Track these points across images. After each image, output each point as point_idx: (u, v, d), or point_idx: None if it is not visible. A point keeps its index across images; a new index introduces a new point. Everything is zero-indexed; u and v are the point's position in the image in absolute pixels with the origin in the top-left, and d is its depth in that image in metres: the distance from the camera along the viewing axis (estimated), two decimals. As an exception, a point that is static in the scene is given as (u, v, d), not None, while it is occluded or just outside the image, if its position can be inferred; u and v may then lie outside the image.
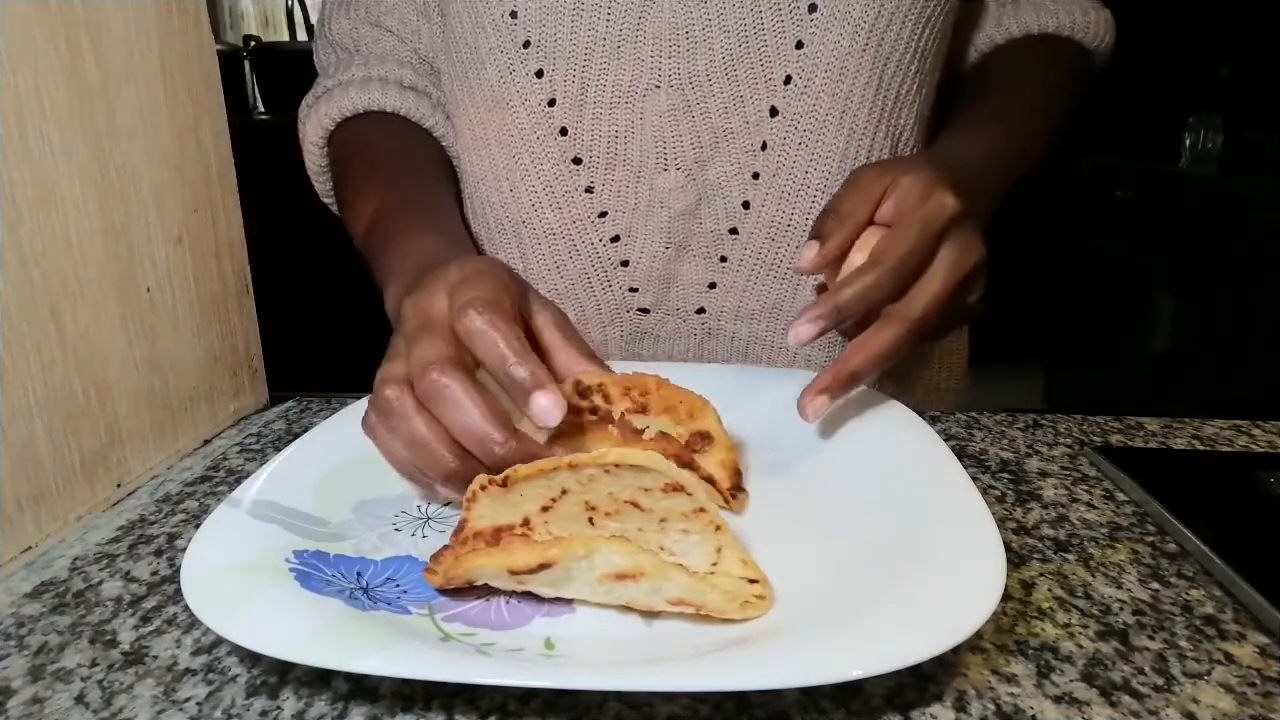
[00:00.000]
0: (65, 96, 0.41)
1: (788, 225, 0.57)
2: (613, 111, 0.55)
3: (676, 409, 0.44)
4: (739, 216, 0.57)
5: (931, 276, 0.43)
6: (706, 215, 0.57)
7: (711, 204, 0.57)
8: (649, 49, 0.53)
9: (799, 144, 0.55)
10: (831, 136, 0.55)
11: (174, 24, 0.49)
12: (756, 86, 0.54)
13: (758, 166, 0.55)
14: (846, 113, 0.54)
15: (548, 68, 0.55)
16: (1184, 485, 0.44)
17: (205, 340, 0.53)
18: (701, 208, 0.57)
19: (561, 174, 0.57)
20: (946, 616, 0.28)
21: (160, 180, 0.48)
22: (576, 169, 0.57)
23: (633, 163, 0.56)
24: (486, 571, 0.32)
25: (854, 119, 0.55)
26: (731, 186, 0.56)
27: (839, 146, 0.55)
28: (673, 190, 0.56)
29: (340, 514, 0.39)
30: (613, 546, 0.31)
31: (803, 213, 0.56)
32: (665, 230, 0.57)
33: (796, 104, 0.54)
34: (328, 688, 0.30)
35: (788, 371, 0.55)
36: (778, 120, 0.54)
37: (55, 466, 0.41)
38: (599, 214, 0.58)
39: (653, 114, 0.55)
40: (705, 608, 0.31)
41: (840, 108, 0.54)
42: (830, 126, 0.54)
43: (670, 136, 0.55)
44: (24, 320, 0.39)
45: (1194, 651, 0.32)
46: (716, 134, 0.55)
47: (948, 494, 0.36)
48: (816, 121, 0.54)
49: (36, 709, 0.29)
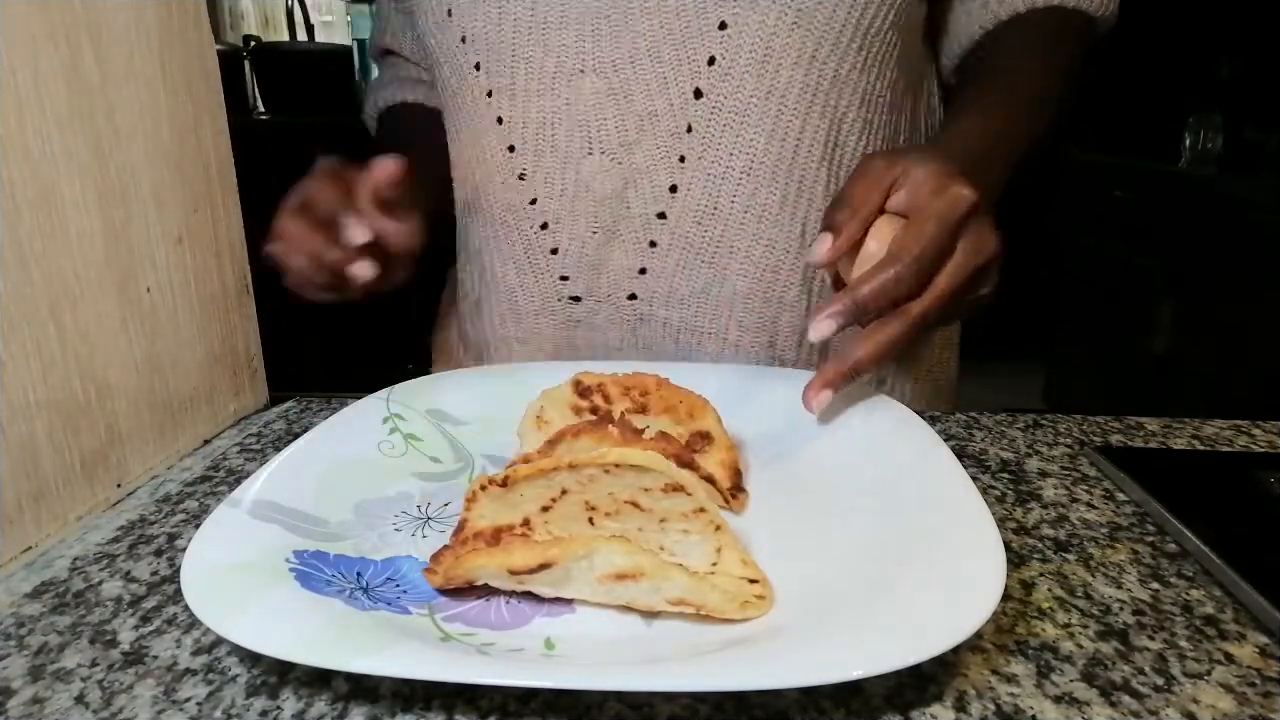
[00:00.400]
0: (65, 96, 0.41)
1: (715, 208, 0.57)
2: (540, 98, 0.56)
3: (676, 409, 0.44)
4: (666, 200, 0.57)
5: (946, 272, 0.43)
6: (634, 199, 0.57)
7: (638, 188, 0.57)
8: (573, 34, 0.54)
9: (724, 126, 0.55)
10: (757, 118, 0.54)
11: (174, 24, 0.49)
12: (681, 68, 0.54)
13: (683, 149, 0.55)
14: (773, 94, 0.54)
15: (483, 60, 0.57)
16: (1184, 485, 0.44)
17: (205, 340, 0.53)
18: (628, 192, 0.57)
19: (500, 163, 0.59)
20: (946, 616, 0.28)
21: (160, 180, 0.48)
22: (511, 156, 0.58)
23: (560, 149, 0.57)
24: (487, 571, 0.32)
25: (781, 100, 0.54)
26: (658, 170, 0.56)
27: (765, 128, 0.55)
28: (598, 175, 0.57)
29: (340, 514, 0.39)
30: (613, 546, 0.31)
31: (729, 195, 0.56)
32: (592, 216, 0.58)
33: (721, 85, 0.54)
34: (328, 688, 0.30)
35: (788, 371, 0.55)
36: (702, 102, 0.54)
37: (55, 466, 0.41)
38: (530, 201, 0.59)
39: (579, 99, 0.55)
40: (705, 608, 0.31)
41: (766, 89, 0.54)
42: (755, 108, 0.54)
43: (595, 121, 0.56)
44: (24, 320, 0.39)
45: (1194, 651, 0.32)
46: (641, 117, 0.55)
47: (948, 494, 0.36)
48: (741, 103, 0.54)
49: (36, 709, 0.29)
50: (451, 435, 0.48)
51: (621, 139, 0.56)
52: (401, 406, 0.48)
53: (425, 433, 0.47)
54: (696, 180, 0.56)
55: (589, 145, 0.56)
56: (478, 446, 0.47)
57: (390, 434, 0.46)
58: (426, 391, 0.50)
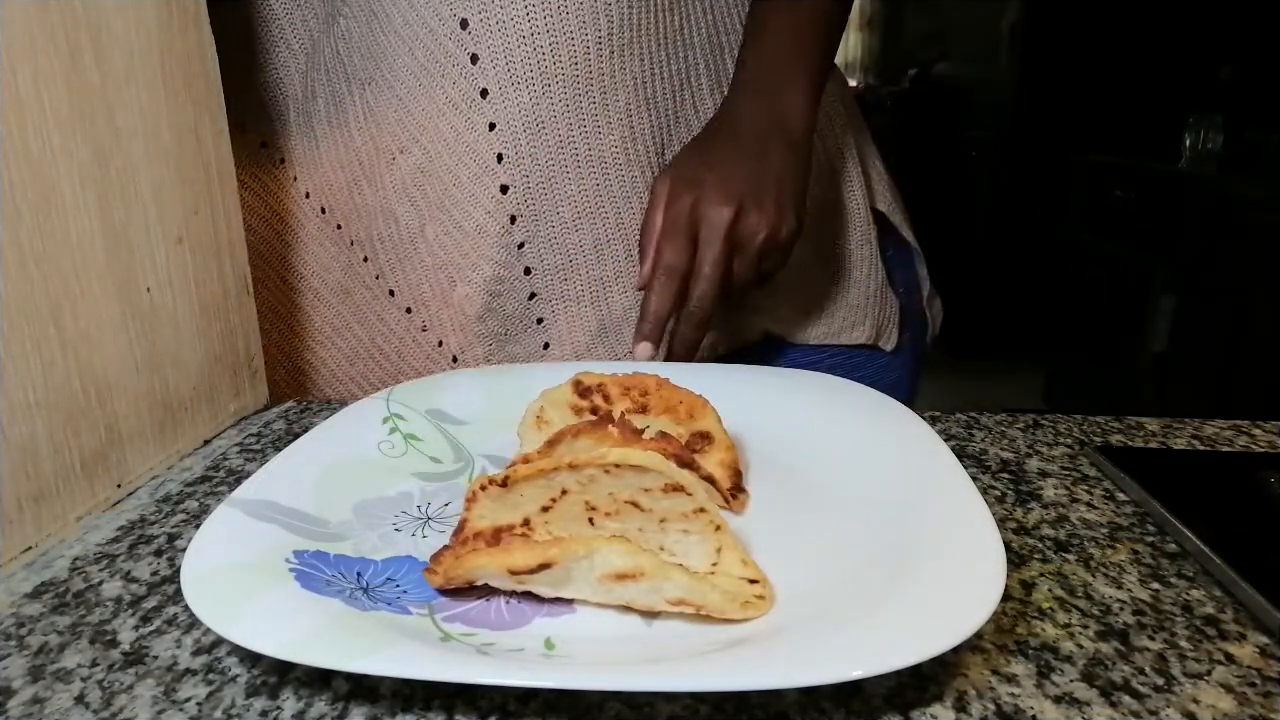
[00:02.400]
0: (65, 96, 0.41)
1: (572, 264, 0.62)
2: (367, 190, 0.63)
3: (676, 409, 0.44)
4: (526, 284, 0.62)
5: (698, 268, 0.53)
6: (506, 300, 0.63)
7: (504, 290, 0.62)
8: (375, 125, 0.61)
9: (534, 192, 0.60)
10: (554, 168, 0.60)
11: (174, 24, 0.49)
12: (481, 177, 0.59)
13: (520, 237, 0.61)
14: (553, 118, 0.58)
15: (300, 175, 0.65)
16: (1184, 485, 0.44)
17: (205, 340, 0.53)
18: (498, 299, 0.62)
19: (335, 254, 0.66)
20: (946, 616, 0.28)
21: (160, 180, 0.48)
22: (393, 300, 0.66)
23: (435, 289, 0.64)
24: (487, 571, 0.32)
25: (568, 120, 0.59)
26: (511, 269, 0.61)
27: (566, 163, 0.60)
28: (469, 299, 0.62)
29: (340, 514, 0.39)
30: (613, 546, 0.31)
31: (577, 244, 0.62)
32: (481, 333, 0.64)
33: (514, 172, 0.59)
34: (328, 688, 0.30)
35: (788, 372, 0.55)
36: (508, 196, 0.59)
37: (55, 466, 0.41)
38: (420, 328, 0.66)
39: (430, 241, 0.63)
40: (705, 608, 0.31)
41: (546, 121, 0.58)
42: (547, 155, 0.59)
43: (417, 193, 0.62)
44: (24, 320, 0.39)
45: (1194, 652, 0.32)
46: (474, 238, 0.61)
47: (948, 494, 0.36)
48: (540, 168, 0.59)
49: (36, 709, 0.29)
50: (451, 435, 0.48)
51: (471, 265, 0.61)
52: (401, 406, 0.48)
53: (425, 433, 0.47)
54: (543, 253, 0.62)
55: (451, 279, 0.62)
56: (478, 446, 0.47)
57: (390, 434, 0.46)
58: (426, 391, 0.50)
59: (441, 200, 0.60)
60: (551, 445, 0.39)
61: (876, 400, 0.48)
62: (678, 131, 0.63)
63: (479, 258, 0.61)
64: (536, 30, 0.56)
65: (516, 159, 0.59)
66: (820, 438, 0.45)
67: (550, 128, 0.58)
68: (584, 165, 0.60)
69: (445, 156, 0.59)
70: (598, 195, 0.61)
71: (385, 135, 0.61)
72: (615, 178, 0.61)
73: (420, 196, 0.61)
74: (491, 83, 0.57)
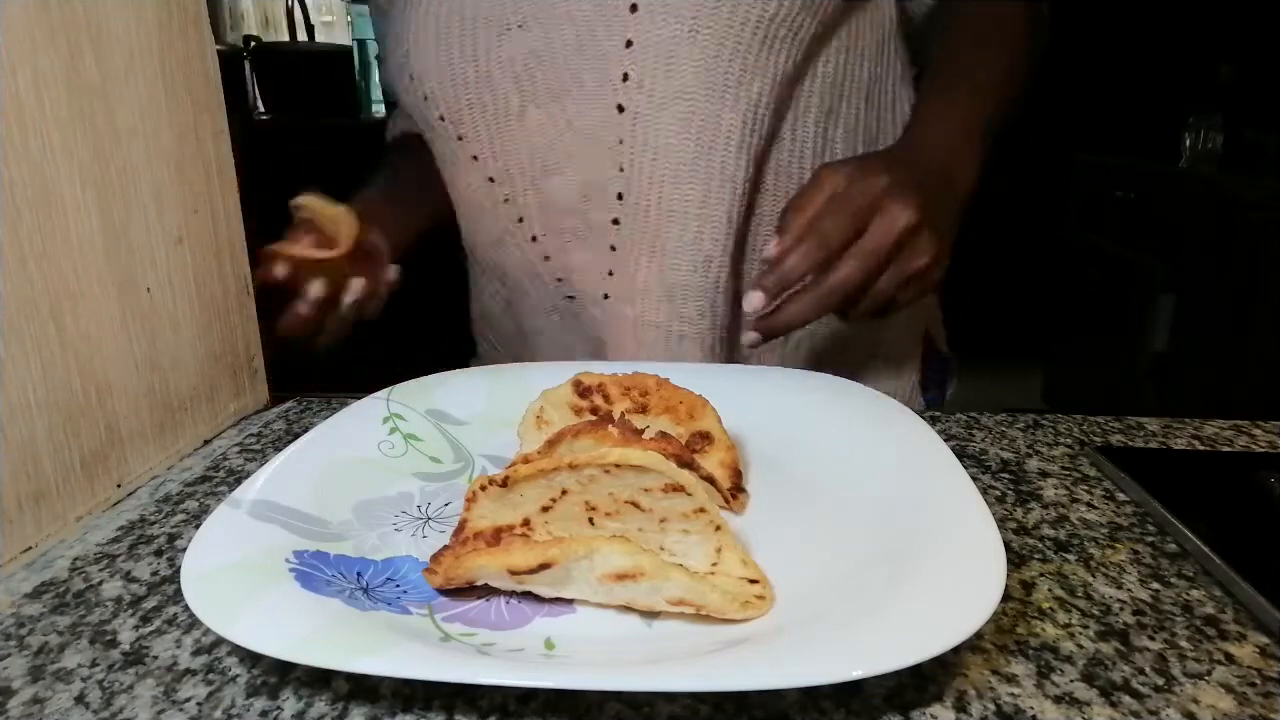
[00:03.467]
0: (65, 96, 0.41)
1: (651, 209, 0.61)
2: (502, 131, 0.62)
3: (676, 409, 0.44)
4: (617, 207, 0.62)
5: (857, 248, 0.49)
6: (592, 210, 0.63)
7: (593, 199, 0.62)
8: (510, 77, 0.60)
9: (645, 133, 0.59)
10: (669, 121, 0.59)
11: (174, 24, 0.49)
12: (602, 88, 0.59)
13: (621, 160, 0.60)
14: (681, 97, 0.58)
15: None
16: (1184, 485, 0.44)
17: (205, 340, 0.53)
18: (587, 204, 0.63)
19: (487, 191, 0.66)
20: (946, 616, 0.28)
21: (160, 180, 0.48)
22: (492, 186, 0.65)
23: (526, 170, 0.63)
24: (487, 572, 0.32)
25: (691, 102, 0.58)
26: (605, 181, 0.61)
27: (678, 129, 0.59)
28: (560, 190, 0.63)
29: (340, 514, 0.39)
30: (613, 546, 0.31)
31: (661, 196, 0.61)
32: (564, 226, 0.64)
33: (635, 97, 0.59)
34: (328, 688, 0.30)
35: (789, 372, 0.55)
36: (625, 115, 0.59)
37: (55, 466, 0.41)
38: (517, 219, 0.66)
39: (528, 131, 0.62)
40: (705, 608, 0.31)
41: (674, 93, 0.58)
42: (667, 112, 0.59)
43: (543, 147, 0.62)
44: (24, 320, 0.39)
45: (1194, 651, 0.32)
46: (581, 137, 0.61)
47: (948, 494, 0.36)
48: (654, 110, 0.59)
49: (36, 709, 0.29)
50: (451, 435, 0.48)
51: (569, 159, 0.61)
52: (401, 406, 0.48)
53: (425, 433, 0.47)
54: (635, 185, 0.61)
55: (546, 165, 0.62)
56: (478, 446, 0.47)
57: (390, 434, 0.46)
58: (426, 391, 0.50)
59: (553, 90, 0.60)
60: (551, 445, 0.39)
61: (876, 400, 0.48)
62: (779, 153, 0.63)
63: (581, 156, 0.61)
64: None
65: (638, 82, 0.58)
66: (820, 438, 0.45)
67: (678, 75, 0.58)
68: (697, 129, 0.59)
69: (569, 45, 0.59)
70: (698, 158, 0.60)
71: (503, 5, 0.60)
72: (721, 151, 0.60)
73: (528, 79, 0.60)
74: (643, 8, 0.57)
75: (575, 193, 0.62)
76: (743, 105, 0.59)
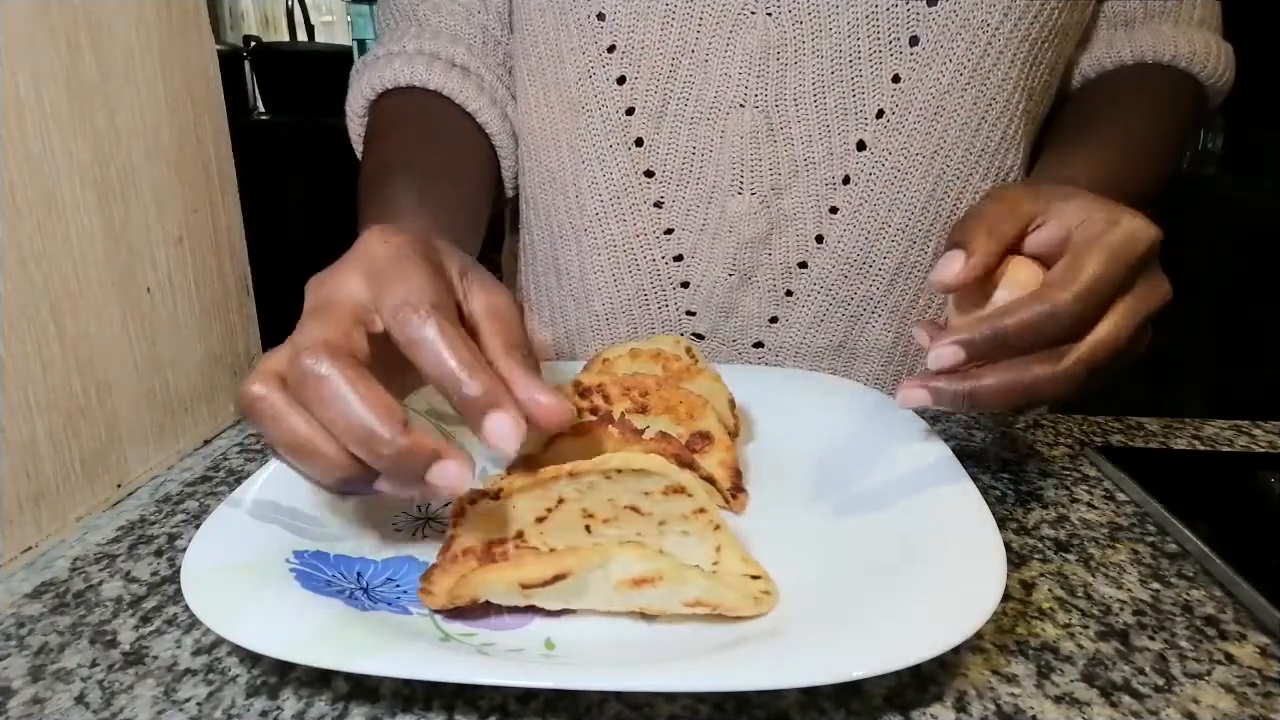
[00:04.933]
0: (65, 96, 0.41)
1: (863, 263, 0.55)
2: (692, 126, 0.53)
3: (676, 409, 0.44)
4: (811, 250, 0.55)
5: (1116, 314, 0.35)
6: (776, 245, 0.55)
7: (783, 234, 0.55)
8: (737, 65, 0.51)
9: (885, 181, 0.52)
10: (920, 177, 0.52)
11: (174, 24, 0.49)
12: (846, 118, 0.51)
13: (837, 200, 0.53)
14: (939, 153, 0.52)
15: (630, 75, 0.53)
16: (1184, 485, 0.44)
17: (205, 340, 0.53)
18: (772, 237, 0.55)
19: (631, 185, 0.56)
20: (946, 616, 0.28)
21: (160, 180, 0.48)
22: (648, 182, 0.55)
23: (707, 182, 0.54)
24: (495, 588, 0.31)
25: (947, 159, 0.52)
26: (807, 218, 0.54)
27: (927, 187, 0.53)
28: (744, 216, 0.54)
29: (340, 514, 0.39)
30: (628, 552, 0.30)
31: (881, 253, 0.54)
32: (731, 256, 0.55)
33: (887, 140, 0.52)
34: (328, 688, 0.30)
35: (789, 372, 0.55)
36: (865, 154, 0.52)
37: (55, 466, 0.41)
38: (665, 230, 0.56)
39: (734, 134, 0.53)
40: (722, 606, 0.31)
41: (934, 147, 0.52)
42: (920, 166, 0.52)
43: (749, 159, 0.53)
44: (24, 320, 0.39)
45: (1194, 652, 0.32)
46: (797, 162, 0.53)
47: (948, 494, 0.36)
48: (906, 159, 0.52)
49: (37, 709, 0.29)
50: (452, 435, 0.48)
51: (774, 182, 0.53)
52: (401, 406, 0.48)
53: (425, 433, 0.47)
54: (848, 234, 0.54)
55: (739, 183, 0.53)
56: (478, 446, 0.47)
57: (390, 434, 0.46)
58: (427, 391, 0.50)
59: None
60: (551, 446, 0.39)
61: (876, 400, 0.48)
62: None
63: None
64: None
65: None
66: (820, 437, 0.45)
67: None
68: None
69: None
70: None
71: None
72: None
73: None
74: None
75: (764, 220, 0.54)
76: (990, 177, 0.54)
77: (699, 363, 0.47)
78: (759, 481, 0.43)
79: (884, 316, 0.56)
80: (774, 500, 0.41)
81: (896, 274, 0.55)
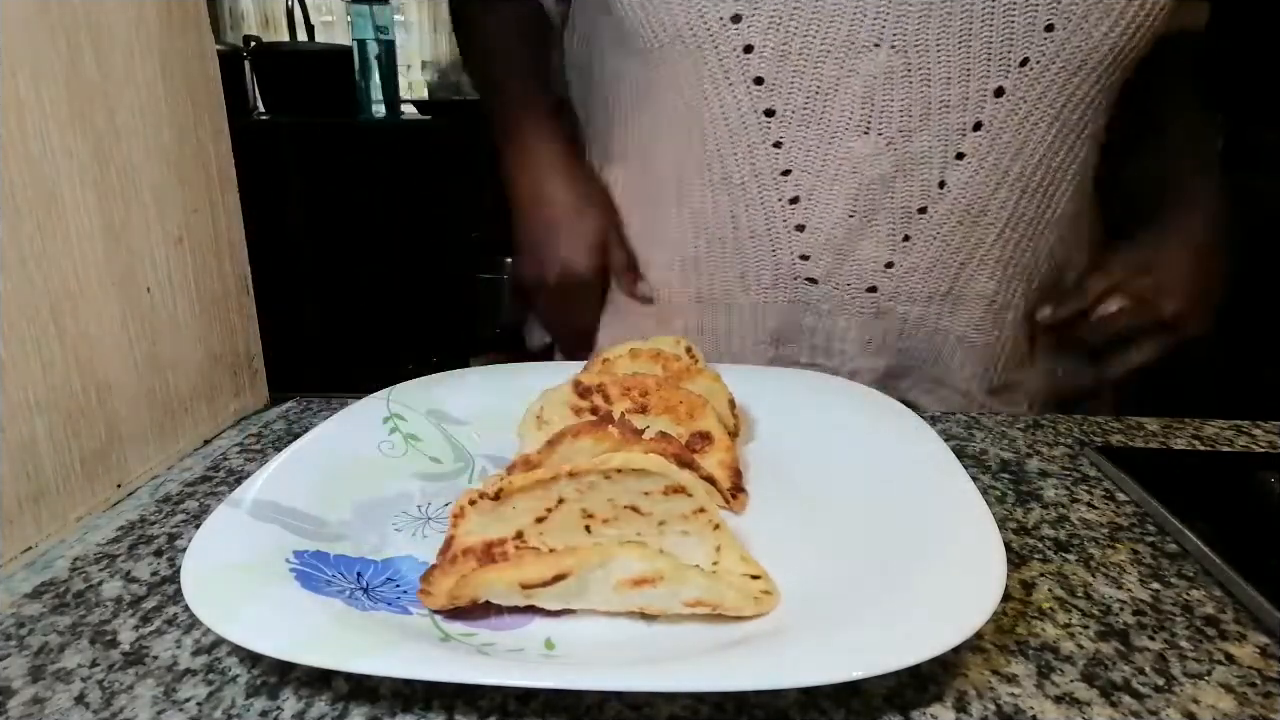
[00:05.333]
0: (65, 96, 0.41)
1: (982, 211, 0.55)
2: (818, 66, 0.52)
3: (676, 409, 0.44)
4: (932, 195, 0.55)
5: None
6: (899, 189, 0.54)
7: (908, 177, 0.54)
8: (874, 5, 0.51)
9: (1014, 130, 0.53)
10: (1045, 128, 0.53)
11: (174, 24, 0.49)
12: (990, 62, 0.51)
13: (965, 146, 0.53)
14: (1068, 106, 0.53)
15: (746, 13, 0.52)
16: (1184, 485, 0.44)
17: (205, 340, 0.53)
18: (896, 180, 0.54)
19: (750, 124, 0.55)
20: (946, 616, 0.28)
21: (160, 180, 0.48)
22: (767, 121, 0.54)
23: (831, 123, 0.54)
24: (496, 588, 0.31)
25: (1070, 115, 0.53)
26: (933, 162, 0.54)
27: (1049, 139, 0.53)
28: (868, 157, 0.53)
29: (340, 514, 0.39)
30: (629, 552, 0.30)
31: (998, 201, 0.55)
32: (851, 198, 0.55)
33: (1025, 89, 0.52)
34: (328, 688, 0.30)
35: (789, 372, 0.55)
36: (1000, 101, 0.52)
37: (55, 466, 0.41)
38: (783, 171, 0.55)
39: (865, 73, 0.52)
40: (722, 606, 0.31)
41: (1065, 99, 0.52)
42: (1048, 117, 0.53)
43: (880, 100, 0.52)
44: (24, 320, 0.39)
45: (1194, 652, 0.32)
46: (931, 104, 0.52)
47: (948, 494, 0.36)
48: (1038, 109, 0.52)
49: (36, 709, 0.29)
50: (452, 435, 0.48)
51: (903, 124, 0.52)
52: (401, 406, 0.48)
53: (425, 433, 0.47)
54: (971, 180, 0.54)
55: (866, 124, 0.53)
56: (478, 446, 0.47)
57: (390, 434, 0.46)
58: (426, 391, 0.50)
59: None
60: (552, 445, 0.39)
61: (876, 400, 0.48)
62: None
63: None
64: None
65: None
66: (820, 438, 0.45)
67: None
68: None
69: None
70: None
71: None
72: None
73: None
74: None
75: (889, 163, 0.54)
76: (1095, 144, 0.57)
77: (699, 363, 0.47)
78: (759, 481, 0.43)
79: (990, 265, 0.57)
80: (774, 500, 0.41)
81: (1007, 223, 0.56)
